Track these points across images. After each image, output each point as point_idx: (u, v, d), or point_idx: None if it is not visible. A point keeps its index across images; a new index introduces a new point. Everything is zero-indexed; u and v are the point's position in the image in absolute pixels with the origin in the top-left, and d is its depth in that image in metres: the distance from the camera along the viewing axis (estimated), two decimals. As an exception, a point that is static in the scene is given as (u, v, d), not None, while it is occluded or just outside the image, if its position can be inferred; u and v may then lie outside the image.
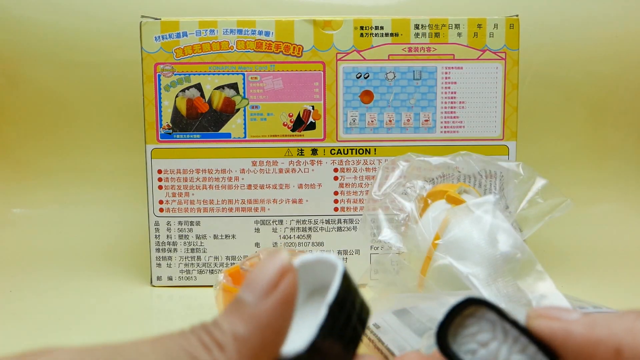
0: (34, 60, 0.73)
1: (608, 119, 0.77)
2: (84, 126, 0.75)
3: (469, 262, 0.36)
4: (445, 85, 0.55)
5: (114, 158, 0.75)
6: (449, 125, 0.55)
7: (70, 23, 0.72)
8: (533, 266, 0.35)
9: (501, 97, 0.55)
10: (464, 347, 0.18)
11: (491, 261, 0.36)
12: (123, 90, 0.72)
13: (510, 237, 0.36)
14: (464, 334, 0.19)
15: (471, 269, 0.36)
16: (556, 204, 0.44)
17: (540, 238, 0.52)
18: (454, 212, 0.38)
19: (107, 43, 0.72)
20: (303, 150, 0.55)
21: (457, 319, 0.19)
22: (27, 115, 0.74)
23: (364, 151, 0.55)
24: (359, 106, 0.55)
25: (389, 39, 0.54)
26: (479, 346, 0.18)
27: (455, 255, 0.37)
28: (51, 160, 0.75)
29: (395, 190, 0.45)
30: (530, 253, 0.36)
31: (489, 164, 0.48)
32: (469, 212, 0.38)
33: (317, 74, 0.54)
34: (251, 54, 0.54)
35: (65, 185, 0.75)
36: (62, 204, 0.75)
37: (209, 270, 0.55)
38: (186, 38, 0.54)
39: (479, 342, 0.18)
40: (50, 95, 0.74)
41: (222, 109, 0.55)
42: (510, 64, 0.55)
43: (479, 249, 0.36)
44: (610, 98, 0.76)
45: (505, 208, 0.46)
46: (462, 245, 0.37)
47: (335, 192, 0.56)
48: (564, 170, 0.75)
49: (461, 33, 0.54)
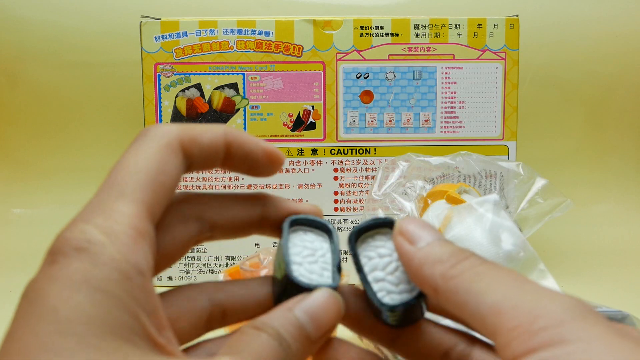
0: (34, 60, 0.73)
1: (608, 118, 0.77)
2: (84, 126, 0.75)
3: (469, 262, 0.36)
4: (445, 85, 0.55)
5: (114, 158, 0.74)
6: (449, 125, 0.55)
7: (70, 23, 0.72)
8: (536, 265, 0.35)
9: (501, 97, 0.55)
10: (365, 252, 0.22)
11: (494, 259, 0.36)
12: (123, 90, 0.72)
13: (512, 235, 0.36)
14: (371, 244, 0.23)
15: (471, 268, 0.36)
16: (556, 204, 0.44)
17: (540, 238, 0.52)
18: (457, 210, 0.38)
19: (107, 43, 0.72)
20: (303, 150, 0.55)
21: (372, 232, 0.23)
22: (27, 115, 0.74)
23: (364, 151, 0.55)
24: (359, 106, 0.55)
25: (389, 39, 0.54)
26: (376, 255, 0.22)
27: (456, 255, 0.37)
28: (51, 160, 0.75)
29: (395, 190, 0.45)
30: (532, 251, 0.36)
31: (489, 164, 0.48)
32: (472, 210, 0.38)
33: (317, 74, 0.54)
34: (251, 54, 0.54)
35: (65, 185, 0.75)
36: (62, 204, 0.75)
37: (209, 270, 0.55)
38: (186, 38, 0.54)
39: (378, 253, 0.22)
40: (50, 95, 0.74)
41: (222, 109, 0.55)
42: (510, 64, 0.55)
43: (481, 247, 0.36)
44: (610, 98, 0.76)
45: (505, 208, 0.46)
46: (464, 243, 0.37)
47: (335, 192, 0.56)
48: (564, 170, 0.75)
49: (461, 33, 0.54)
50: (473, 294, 0.18)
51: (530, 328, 0.17)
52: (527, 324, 0.17)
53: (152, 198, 0.19)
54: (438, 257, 0.20)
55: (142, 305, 0.17)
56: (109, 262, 0.17)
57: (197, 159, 0.21)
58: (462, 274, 0.19)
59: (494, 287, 0.18)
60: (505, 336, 0.17)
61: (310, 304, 0.20)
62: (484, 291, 0.18)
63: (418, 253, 0.20)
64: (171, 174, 0.20)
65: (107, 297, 0.17)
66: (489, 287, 0.18)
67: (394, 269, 0.22)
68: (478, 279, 0.19)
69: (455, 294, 0.19)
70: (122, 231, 0.18)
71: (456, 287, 0.19)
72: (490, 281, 0.19)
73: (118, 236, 0.17)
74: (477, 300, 0.18)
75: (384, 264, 0.22)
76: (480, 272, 0.19)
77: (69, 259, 0.17)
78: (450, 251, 0.20)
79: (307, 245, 0.22)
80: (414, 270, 0.20)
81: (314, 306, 0.20)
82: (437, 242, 0.20)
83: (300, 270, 0.21)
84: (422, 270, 0.20)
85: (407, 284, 0.22)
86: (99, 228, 0.17)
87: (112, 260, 0.17)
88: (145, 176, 0.19)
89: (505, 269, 0.19)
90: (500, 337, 0.17)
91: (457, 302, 0.19)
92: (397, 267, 0.22)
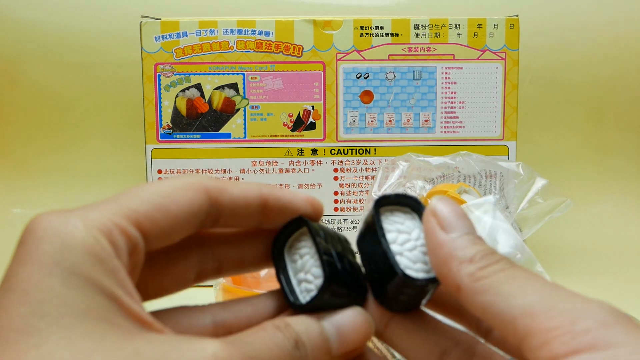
0: (34, 60, 0.73)
1: (608, 118, 0.77)
2: (84, 126, 0.75)
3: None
4: (445, 85, 0.55)
5: (114, 158, 0.75)
6: (449, 125, 0.55)
7: (71, 23, 0.72)
8: (533, 266, 0.35)
9: (501, 97, 0.55)
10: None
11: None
12: (123, 90, 0.72)
13: (510, 237, 0.36)
14: (390, 218, 0.22)
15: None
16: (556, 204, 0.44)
17: (540, 238, 0.52)
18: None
19: (107, 43, 0.72)
20: (303, 150, 0.55)
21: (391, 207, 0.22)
22: (27, 115, 0.74)
23: (364, 151, 0.55)
24: (359, 106, 0.55)
25: (389, 39, 0.54)
26: (395, 230, 0.21)
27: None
28: (51, 160, 0.75)
29: (395, 190, 0.45)
30: (530, 253, 0.36)
31: (489, 164, 0.48)
32: (469, 213, 0.38)
33: (317, 74, 0.54)
34: (251, 54, 0.54)
35: (65, 185, 0.75)
36: (62, 204, 0.75)
37: (209, 270, 0.55)
38: (186, 38, 0.54)
39: (397, 229, 0.21)
40: (50, 95, 0.74)
41: (222, 109, 0.55)
42: (510, 64, 0.55)
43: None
44: (610, 98, 0.76)
45: (505, 208, 0.46)
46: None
47: (335, 192, 0.56)
48: (564, 170, 0.75)
49: (461, 33, 0.54)
50: (504, 296, 0.18)
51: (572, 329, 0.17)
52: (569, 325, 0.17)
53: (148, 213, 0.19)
54: (469, 256, 0.19)
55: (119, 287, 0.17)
56: (81, 244, 0.17)
57: (227, 209, 0.21)
58: (492, 276, 0.19)
59: (527, 290, 0.18)
60: (542, 336, 0.17)
61: (341, 320, 0.20)
62: (516, 294, 0.18)
63: (449, 244, 0.20)
64: (182, 205, 0.19)
65: (79, 279, 0.17)
66: (521, 290, 0.18)
67: (411, 248, 0.21)
68: (509, 281, 0.19)
69: (483, 294, 0.19)
70: (100, 220, 0.18)
71: (484, 288, 0.19)
72: (523, 284, 0.18)
73: (94, 223, 0.17)
74: (509, 302, 0.18)
75: (402, 240, 0.21)
76: (511, 275, 0.19)
77: (38, 241, 0.17)
78: (482, 251, 0.19)
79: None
80: (440, 260, 0.20)
81: (345, 323, 0.20)
82: (470, 238, 0.20)
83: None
84: (449, 264, 0.19)
85: (424, 264, 0.21)
86: (77, 215, 0.18)
87: (85, 243, 0.17)
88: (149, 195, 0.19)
89: (536, 274, 0.19)
90: (534, 338, 0.17)
91: (483, 302, 0.19)
92: (415, 246, 0.21)
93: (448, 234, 0.20)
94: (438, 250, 0.20)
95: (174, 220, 0.19)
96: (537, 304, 0.18)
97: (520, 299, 0.18)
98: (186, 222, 0.20)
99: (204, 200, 0.20)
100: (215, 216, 0.21)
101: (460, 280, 0.19)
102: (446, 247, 0.20)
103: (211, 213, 0.20)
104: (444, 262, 0.20)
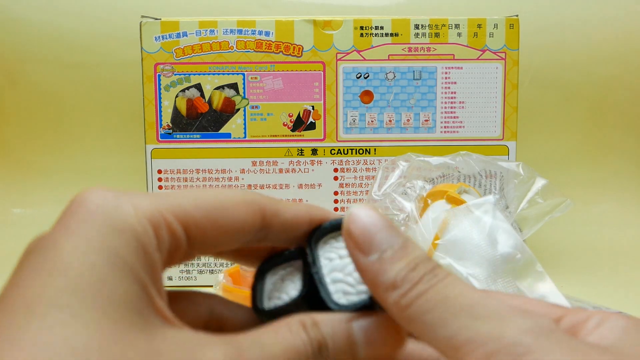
0: (34, 60, 0.73)
1: (608, 119, 0.77)
2: (84, 126, 0.75)
3: (468, 263, 0.36)
4: (445, 85, 0.55)
5: (114, 158, 0.75)
6: (449, 125, 0.55)
7: (70, 23, 0.72)
8: (533, 266, 0.35)
9: (501, 97, 0.55)
10: (326, 254, 0.21)
11: (491, 262, 0.36)
12: (123, 90, 0.72)
13: (510, 237, 0.36)
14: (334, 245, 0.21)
15: (471, 269, 0.36)
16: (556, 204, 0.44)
17: (540, 238, 0.52)
18: (454, 212, 0.38)
19: (107, 43, 0.72)
20: (303, 150, 0.55)
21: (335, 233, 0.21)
22: (27, 115, 0.74)
23: (364, 151, 0.55)
24: (359, 106, 0.55)
25: (389, 39, 0.54)
26: (337, 257, 0.21)
27: (455, 255, 0.37)
28: (51, 160, 0.75)
29: (395, 190, 0.45)
30: (530, 253, 0.36)
31: (489, 164, 0.48)
32: (469, 213, 0.38)
33: (317, 74, 0.54)
34: (251, 54, 0.54)
35: (65, 185, 0.75)
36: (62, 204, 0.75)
37: (209, 270, 0.55)
38: (186, 38, 0.54)
39: (339, 254, 0.21)
40: (50, 95, 0.74)
41: (222, 109, 0.55)
42: (510, 64, 0.55)
43: (479, 249, 0.36)
44: (610, 98, 0.76)
45: (505, 208, 0.46)
46: (461, 245, 0.37)
47: (335, 192, 0.56)
48: (564, 170, 0.75)
49: (461, 33, 0.54)
50: (428, 327, 0.17)
51: None
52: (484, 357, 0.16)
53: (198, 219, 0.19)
54: (390, 280, 0.18)
55: (152, 280, 0.17)
56: (129, 230, 0.17)
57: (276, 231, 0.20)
58: (415, 303, 0.18)
59: (446, 317, 0.17)
60: None
61: (371, 324, 0.19)
62: (438, 324, 0.17)
63: (370, 268, 0.18)
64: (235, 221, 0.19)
65: (121, 265, 0.17)
66: (441, 319, 0.17)
67: (353, 269, 0.20)
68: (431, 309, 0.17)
69: (411, 324, 0.18)
70: (150, 211, 0.18)
71: (410, 317, 0.18)
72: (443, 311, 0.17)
73: (145, 213, 0.18)
74: (434, 334, 0.17)
75: (343, 265, 0.20)
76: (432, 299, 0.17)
77: (90, 217, 0.17)
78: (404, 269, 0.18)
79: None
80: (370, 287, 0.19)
81: (375, 327, 0.19)
82: (389, 254, 0.18)
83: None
84: (377, 292, 0.18)
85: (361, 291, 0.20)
86: (129, 200, 0.18)
87: (133, 230, 0.17)
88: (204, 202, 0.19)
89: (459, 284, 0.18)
90: None
91: (415, 331, 0.18)
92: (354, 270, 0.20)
93: (367, 257, 0.18)
94: (363, 276, 0.19)
95: (223, 234, 0.19)
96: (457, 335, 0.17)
97: (442, 330, 0.17)
98: (234, 238, 0.19)
99: (257, 220, 0.20)
100: (262, 237, 0.20)
101: (390, 309, 0.18)
102: (368, 273, 0.18)
103: (259, 234, 0.20)
104: (372, 289, 0.19)
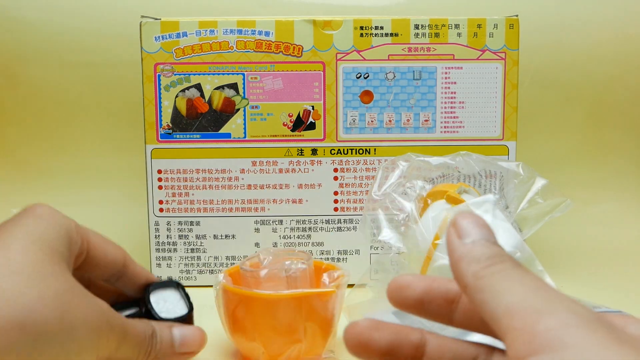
0: (34, 60, 0.73)
1: (608, 119, 0.77)
2: (84, 126, 0.75)
3: (468, 262, 0.36)
4: (445, 85, 0.55)
5: (114, 158, 0.75)
6: (449, 125, 0.55)
7: (70, 23, 0.72)
8: (533, 265, 0.35)
9: (501, 97, 0.55)
10: (154, 298, 0.36)
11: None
12: (123, 90, 0.72)
13: (510, 236, 0.36)
14: (162, 294, 0.37)
15: (471, 268, 0.36)
16: (556, 204, 0.44)
17: (540, 238, 0.52)
18: (453, 211, 0.38)
19: (107, 43, 0.72)
20: (303, 150, 0.55)
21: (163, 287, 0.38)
22: (27, 115, 0.74)
23: (364, 151, 0.55)
24: (359, 106, 0.55)
25: (389, 39, 0.54)
26: (162, 300, 0.37)
27: (455, 255, 0.37)
28: (51, 160, 0.75)
29: (395, 190, 0.45)
30: (530, 252, 0.36)
31: (489, 164, 0.48)
32: (469, 212, 0.38)
33: (317, 74, 0.54)
34: (251, 54, 0.54)
35: (65, 185, 0.75)
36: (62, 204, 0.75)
37: (209, 271, 0.55)
38: (186, 38, 0.54)
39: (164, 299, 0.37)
40: (50, 95, 0.74)
41: (222, 109, 0.55)
42: (510, 64, 0.55)
43: (479, 248, 0.36)
44: (610, 98, 0.76)
45: (505, 208, 0.46)
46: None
47: (335, 192, 0.56)
48: (564, 170, 0.75)
49: (461, 33, 0.54)
50: (494, 294, 0.19)
51: (534, 329, 0.17)
52: (532, 325, 0.17)
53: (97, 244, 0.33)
54: (477, 257, 0.21)
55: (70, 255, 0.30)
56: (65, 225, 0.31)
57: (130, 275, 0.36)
58: (491, 275, 0.20)
59: (514, 289, 0.19)
60: (511, 336, 0.18)
61: (183, 330, 0.34)
62: (504, 292, 0.19)
63: (461, 248, 0.21)
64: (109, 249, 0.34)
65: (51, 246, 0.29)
66: (509, 289, 0.19)
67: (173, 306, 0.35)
68: (503, 280, 0.20)
69: (481, 292, 0.20)
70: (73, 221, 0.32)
71: (483, 286, 0.20)
72: (513, 283, 0.19)
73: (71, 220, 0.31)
74: (497, 300, 0.19)
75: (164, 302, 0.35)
76: (508, 275, 0.20)
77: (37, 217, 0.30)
78: (489, 253, 0.21)
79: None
80: (453, 262, 0.22)
81: (187, 331, 0.34)
82: (482, 242, 0.21)
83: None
84: (459, 265, 0.21)
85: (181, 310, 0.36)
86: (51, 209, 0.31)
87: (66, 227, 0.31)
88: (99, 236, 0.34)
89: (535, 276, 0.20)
90: (508, 337, 0.18)
91: (480, 300, 0.20)
92: (172, 304, 0.35)
93: (462, 240, 0.22)
94: (452, 254, 0.22)
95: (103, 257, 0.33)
96: (518, 302, 0.18)
97: (505, 298, 0.19)
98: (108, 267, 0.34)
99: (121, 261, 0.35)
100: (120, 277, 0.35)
101: (466, 279, 0.21)
102: (458, 250, 0.22)
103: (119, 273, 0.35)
104: (456, 263, 0.21)
